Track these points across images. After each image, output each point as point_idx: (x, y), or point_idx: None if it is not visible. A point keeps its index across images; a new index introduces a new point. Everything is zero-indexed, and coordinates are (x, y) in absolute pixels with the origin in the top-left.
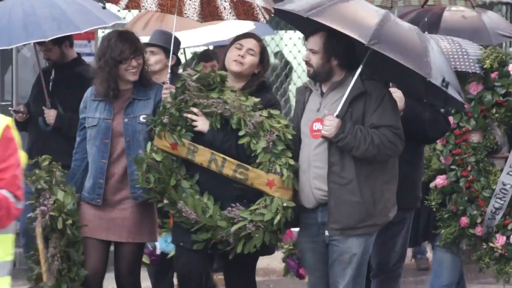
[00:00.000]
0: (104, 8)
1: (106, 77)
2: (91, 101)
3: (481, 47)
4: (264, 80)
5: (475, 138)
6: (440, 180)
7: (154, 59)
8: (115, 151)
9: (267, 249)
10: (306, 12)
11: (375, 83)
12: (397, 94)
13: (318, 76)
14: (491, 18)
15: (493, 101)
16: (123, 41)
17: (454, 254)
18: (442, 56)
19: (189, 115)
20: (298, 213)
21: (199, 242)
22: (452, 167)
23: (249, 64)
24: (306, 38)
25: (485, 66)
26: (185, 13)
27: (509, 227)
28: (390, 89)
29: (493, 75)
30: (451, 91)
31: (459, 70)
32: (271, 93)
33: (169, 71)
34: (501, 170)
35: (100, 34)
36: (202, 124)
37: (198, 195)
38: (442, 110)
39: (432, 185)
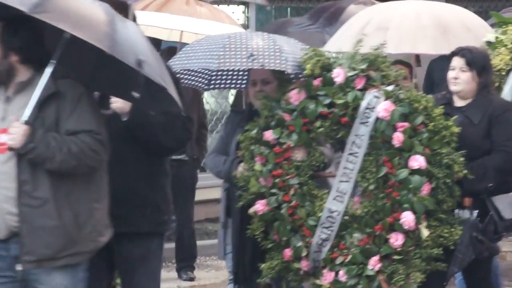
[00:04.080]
0: None
1: None
2: None
3: (304, 47)
4: None
5: (298, 155)
6: (260, 206)
7: None
8: None
9: None
10: None
11: (70, 82)
12: (117, 104)
13: None
14: None
15: (317, 112)
16: None
17: None
18: (143, 41)
19: None
20: None
21: None
22: (273, 190)
23: None
24: None
25: (305, 72)
26: None
27: (337, 262)
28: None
29: (317, 82)
30: (149, 72)
31: (267, 68)
32: None
33: None
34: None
35: None
36: None
37: None
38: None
39: (251, 211)
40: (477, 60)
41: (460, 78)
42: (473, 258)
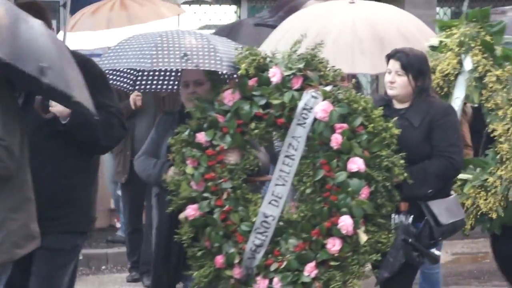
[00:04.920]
0: None
1: None
2: None
3: (238, 46)
4: None
5: (232, 158)
6: (191, 211)
7: None
8: None
9: None
10: None
11: None
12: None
13: None
14: None
15: (252, 113)
16: None
17: None
18: (49, 43)
19: None
20: None
21: None
22: (205, 194)
23: None
24: None
25: (239, 72)
26: None
27: (271, 268)
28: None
29: (252, 82)
30: (53, 80)
31: (202, 68)
32: None
33: None
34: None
35: None
36: None
37: None
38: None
39: (181, 216)
40: (413, 63)
41: (396, 82)
42: (403, 262)
